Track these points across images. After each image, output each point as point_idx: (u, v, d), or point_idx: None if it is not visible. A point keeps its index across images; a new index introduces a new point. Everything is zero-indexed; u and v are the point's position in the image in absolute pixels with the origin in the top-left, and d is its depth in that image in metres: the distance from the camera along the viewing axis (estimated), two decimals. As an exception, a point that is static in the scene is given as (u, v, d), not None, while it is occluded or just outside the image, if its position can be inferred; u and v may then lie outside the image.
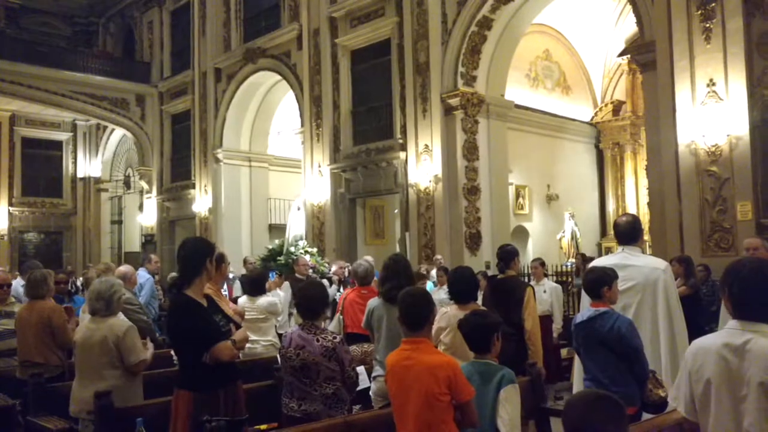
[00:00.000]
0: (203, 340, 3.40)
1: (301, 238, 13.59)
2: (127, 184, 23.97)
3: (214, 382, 3.46)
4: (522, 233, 15.91)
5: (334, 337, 3.86)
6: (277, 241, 13.91)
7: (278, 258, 12.86)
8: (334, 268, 10.49)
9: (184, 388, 3.46)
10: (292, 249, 12.90)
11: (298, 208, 13.88)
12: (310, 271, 9.96)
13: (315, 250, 13.44)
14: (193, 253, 3.56)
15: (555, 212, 16.65)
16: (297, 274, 8.96)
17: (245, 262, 12.38)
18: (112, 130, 22.98)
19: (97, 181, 24.12)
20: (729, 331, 2.46)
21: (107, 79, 20.37)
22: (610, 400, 2.01)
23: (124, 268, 6.39)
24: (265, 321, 6.13)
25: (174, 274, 6.57)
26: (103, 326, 4.15)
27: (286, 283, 8.96)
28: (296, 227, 13.69)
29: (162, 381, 4.43)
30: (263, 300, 6.13)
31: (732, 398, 2.39)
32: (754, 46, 8.89)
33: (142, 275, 7.42)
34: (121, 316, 4.43)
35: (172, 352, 4.31)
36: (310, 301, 3.93)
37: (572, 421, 1.98)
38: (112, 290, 4.23)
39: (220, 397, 3.47)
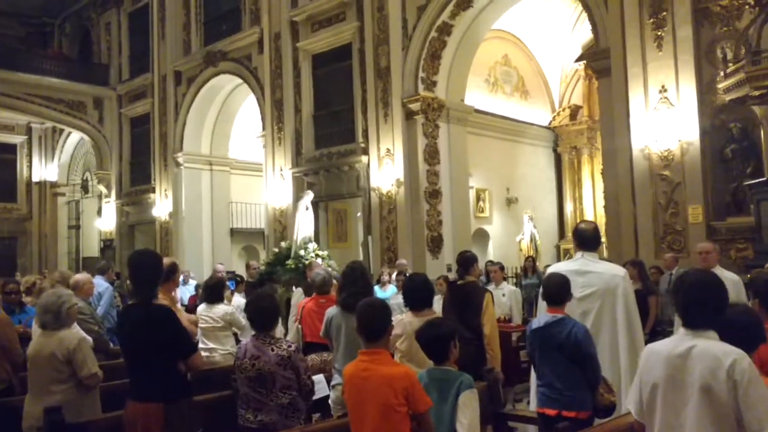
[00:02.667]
0: (184, 349, 3.39)
1: (310, 240, 12.55)
2: (84, 188, 23.49)
3: (186, 393, 3.48)
4: (482, 236, 16.08)
5: (289, 346, 3.87)
6: (283, 244, 13.01)
7: (287, 262, 11.88)
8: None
9: (154, 400, 3.41)
10: (302, 252, 12.02)
11: (307, 208, 12.77)
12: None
13: (326, 253, 12.63)
14: (153, 266, 3.59)
15: (514, 215, 16.87)
16: (310, 280, 7.69)
17: (248, 267, 11.63)
18: (69, 133, 22.52)
19: (54, 185, 23.59)
20: (679, 337, 2.58)
21: (63, 81, 19.95)
22: None
23: (80, 276, 6.24)
24: (222, 330, 6.04)
25: (128, 285, 6.40)
26: (52, 340, 4.03)
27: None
28: (304, 228, 12.62)
29: (112, 394, 4.34)
30: (220, 308, 6.05)
31: (676, 402, 2.48)
32: (703, 54, 9.17)
33: (101, 284, 7.28)
34: (75, 327, 4.33)
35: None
36: (262, 314, 3.92)
37: None
38: (60, 302, 4.11)
39: (190, 408, 3.48)
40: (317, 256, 11.82)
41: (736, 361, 2.37)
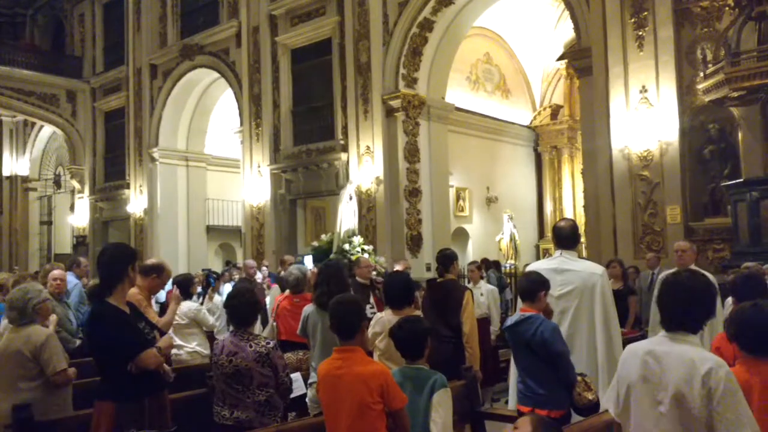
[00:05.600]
0: (127, 349, 3.29)
1: (354, 233, 11.62)
2: (57, 183, 23.10)
3: (140, 392, 3.35)
4: (462, 235, 16.07)
5: (268, 343, 3.80)
6: (324, 237, 12.02)
7: (333, 256, 10.77)
8: (398, 267, 8.67)
9: (107, 399, 3.33)
10: (346, 247, 11.08)
11: (350, 198, 11.93)
12: (374, 273, 7.93)
13: (371, 248, 11.64)
14: (114, 260, 3.46)
15: (494, 214, 16.89)
16: (358, 278, 6.79)
17: (283, 262, 10.15)
18: (41, 126, 22.11)
19: (25, 179, 23.17)
20: (658, 339, 2.56)
21: (35, 74, 19.55)
22: None
23: (56, 272, 6.05)
24: (187, 327, 5.89)
25: (94, 281, 6.22)
26: (20, 336, 3.95)
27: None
28: (347, 220, 11.66)
29: (83, 392, 4.21)
30: (185, 305, 5.89)
31: (650, 402, 2.47)
32: (684, 55, 9.23)
33: (70, 280, 7.06)
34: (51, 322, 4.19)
35: None
36: (240, 310, 3.84)
37: None
38: (26, 298, 4.02)
39: (145, 408, 3.35)
40: (363, 250, 10.85)
41: (713, 370, 2.31)
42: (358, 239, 11.44)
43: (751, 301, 2.80)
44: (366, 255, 9.62)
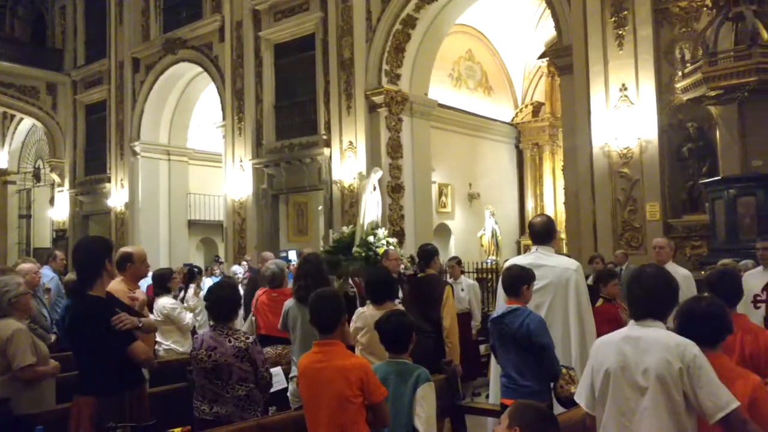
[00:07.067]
0: (112, 341, 3.27)
1: (378, 225, 10.99)
2: (36, 176, 22.81)
3: (120, 386, 3.34)
4: (444, 231, 16.14)
5: (247, 338, 3.81)
6: (345, 229, 11.43)
7: (353, 250, 10.43)
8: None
9: (86, 393, 3.32)
10: (371, 239, 10.57)
11: (374, 188, 11.21)
12: (402, 267, 7.60)
13: (395, 240, 11.19)
14: (90, 254, 3.43)
15: (476, 210, 16.96)
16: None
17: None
18: (21, 119, 21.79)
19: (3, 172, 22.84)
20: (627, 328, 2.69)
21: (14, 66, 19.24)
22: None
23: (25, 266, 5.99)
24: (163, 324, 5.81)
25: (70, 276, 6.12)
26: None
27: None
28: (371, 212, 10.98)
29: (61, 387, 4.18)
30: (160, 301, 5.83)
31: (628, 387, 2.55)
32: (663, 54, 9.34)
33: (47, 274, 7.03)
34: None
35: None
36: (220, 304, 3.84)
37: None
38: (2, 291, 3.92)
39: (125, 402, 3.35)
40: (388, 243, 10.37)
41: (687, 349, 2.47)
42: (382, 231, 10.90)
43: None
44: (391, 248, 8.90)
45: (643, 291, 2.66)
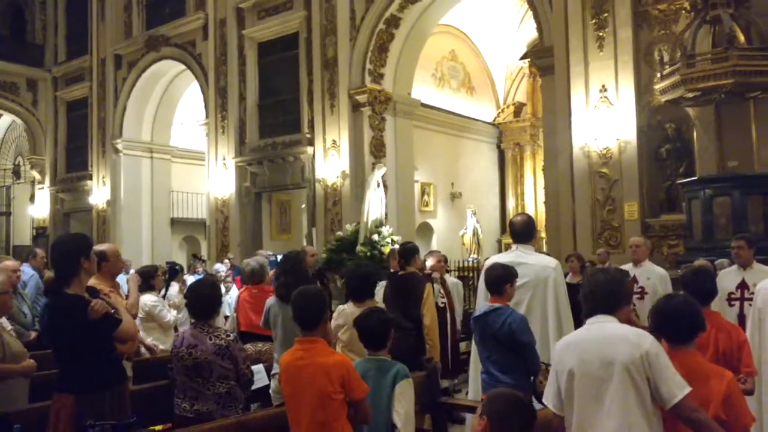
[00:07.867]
0: (96, 334, 3.27)
1: (382, 223, 10.81)
2: (16, 173, 22.51)
3: (100, 384, 3.34)
4: (427, 230, 16.22)
5: (228, 335, 3.80)
6: (349, 227, 11.20)
7: (357, 249, 10.26)
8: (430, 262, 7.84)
9: (66, 391, 3.31)
10: (375, 237, 10.44)
11: (378, 185, 11.00)
12: None
13: (399, 238, 10.93)
14: (67, 253, 3.40)
15: (458, 209, 17.07)
16: (393, 270, 6.42)
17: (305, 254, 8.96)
18: (0, 115, 21.50)
19: (-18, 169, 22.55)
20: (585, 326, 2.77)
21: (-7, 61, 19.04)
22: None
23: (8, 263, 5.93)
24: (146, 321, 5.81)
25: (49, 274, 6.08)
26: None
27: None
28: (375, 209, 10.84)
29: (40, 385, 4.17)
30: (144, 298, 5.77)
31: (593, 386, 2.60)
32: (642, 56, 9.47)
33: (27, 271, 6.97)
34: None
35: None
36: (201, 302, 3.84)
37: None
38: None
39: (105, 400, 3.34)
40: (393, 241, 10.20)
41: (643, 338, 2.57)
42: (387, 229, 10.73)
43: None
44: (397, 246, 9.01)
45: (588, 290, 2.77)
